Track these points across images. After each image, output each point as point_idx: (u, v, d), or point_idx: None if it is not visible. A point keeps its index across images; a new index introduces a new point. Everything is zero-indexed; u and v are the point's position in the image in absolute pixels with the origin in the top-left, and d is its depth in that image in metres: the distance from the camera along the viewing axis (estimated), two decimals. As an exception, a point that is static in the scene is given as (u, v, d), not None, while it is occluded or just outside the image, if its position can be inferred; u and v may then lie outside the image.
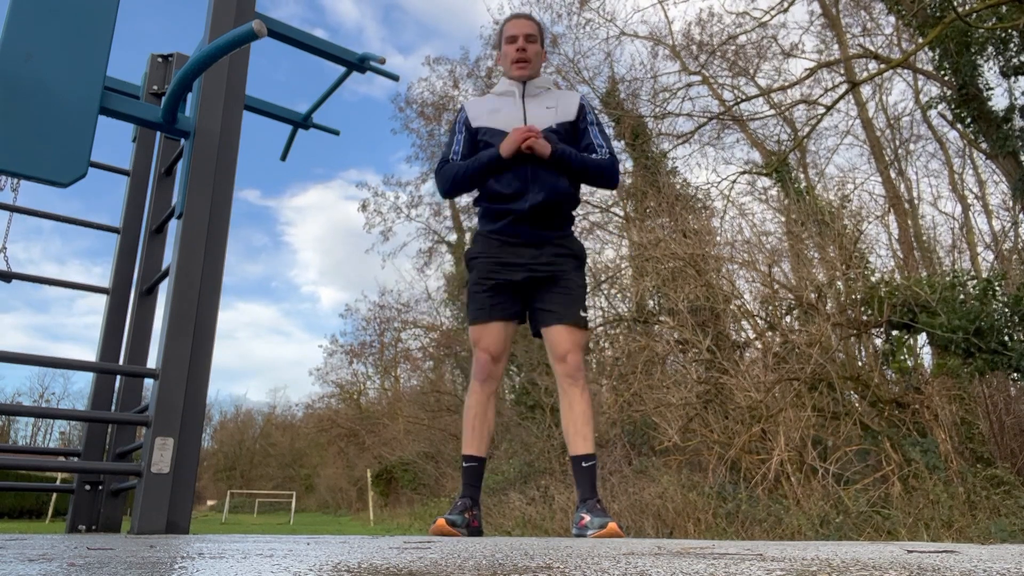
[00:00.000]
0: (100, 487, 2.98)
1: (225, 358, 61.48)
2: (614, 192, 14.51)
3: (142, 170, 3.48)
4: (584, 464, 2.31)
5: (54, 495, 17.08)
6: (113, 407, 3.09)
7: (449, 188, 2.48)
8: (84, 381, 55.18)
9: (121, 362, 3.16)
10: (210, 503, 34.22)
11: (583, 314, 2.42)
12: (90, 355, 3.50)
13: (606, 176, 2.47)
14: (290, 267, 63.38)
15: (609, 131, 13.57)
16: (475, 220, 2.61)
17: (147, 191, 3.44)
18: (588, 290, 2.94)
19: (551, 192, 2.39)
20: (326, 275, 57.34)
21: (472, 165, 2.42)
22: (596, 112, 2.59)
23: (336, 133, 3.92)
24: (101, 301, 3.29)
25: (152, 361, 2.63)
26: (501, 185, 2.41)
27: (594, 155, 2.46)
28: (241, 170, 2.68)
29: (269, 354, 64.81)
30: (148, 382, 2.90)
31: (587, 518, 2.19)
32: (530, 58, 2.49)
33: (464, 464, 2.43)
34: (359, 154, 51.11)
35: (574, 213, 2.58)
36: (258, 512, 29.11)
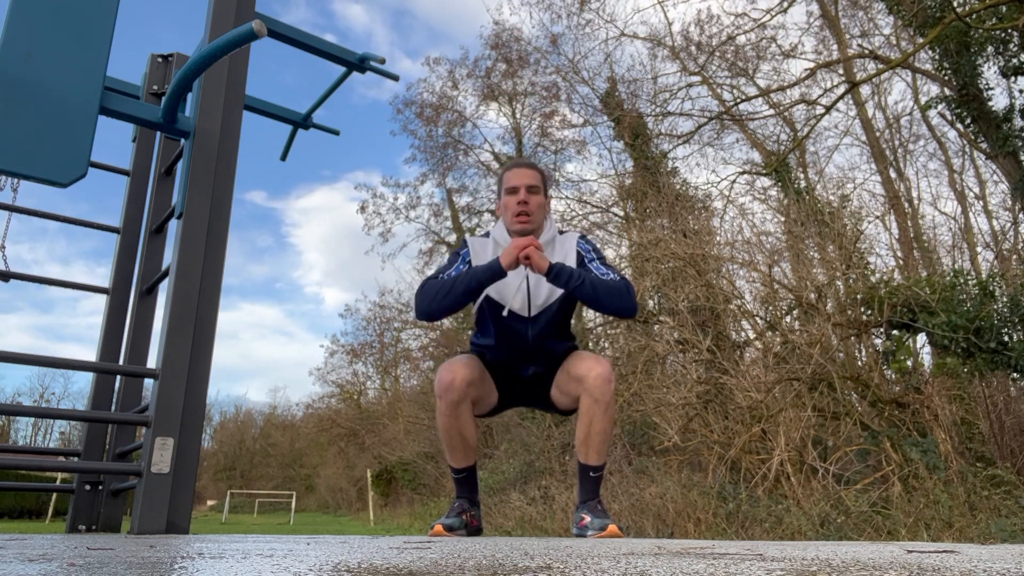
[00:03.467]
0: (100, 487, 2.99)
1: (229, 358, 61.56)
2: (614, 192, 14.54)
3: (142, 170, 3.48)
4: (592, 474, 2.28)
5: (54, 495, 17.08)
6: (113, 407, 3.09)
7: (432, 298, 2.20)
8: (84, 381, 55.26)
9: (121, 362, 3.16)
10: (210, 503, 34.22)
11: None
12: (92, 355, 3.49)
13: (618, 294, 2.18)
14: (295, 268, 63.41)
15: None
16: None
17: (147, 191, 3.44)
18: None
19: (552, 360, 2.35)
20: (330, 276, 57.37)
21: (466, 278, 2.18)
22: (596, 246, 2.42)
23: (336, 133, 3.92)
24: (104, 301, 3.29)
25: (152, 361, 2.63)
26: (500, 356, 2.35)
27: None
28: (247, 172, 2.70)
29: (273, 354, 64.92)
30: (148, 382, 2.90)
31: (587, 518, 2.19)
32: (532, 211, 2.31)
33: (454, 476, 2.37)
34: (366, 156, 51.18)
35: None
36: (258, 512, 29.11)
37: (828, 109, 11.48)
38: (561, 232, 2.42)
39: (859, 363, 8.19)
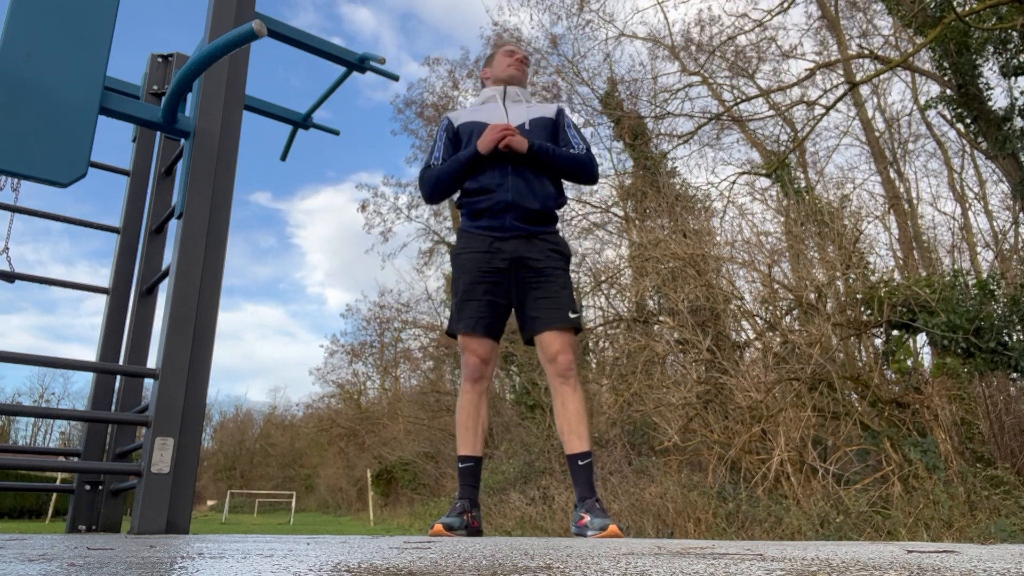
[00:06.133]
0: (100, 487, 2.99)
1: (231, 358, 61.68)
2: (614, 192, 14.54)
3: (142, 170, 3.48)
4: (581, 462, 2.30)
5: (54, 495, 17.08)
6: (113, 407, 3.09)
7: (432, 191, 2.52)
8: (84, 381, 55.32)
9: (121, 362, 3.16)
10: (210, 503, 34.24)
11: (573, 315, 2.41)
12: (92, 355, 3.50)
13: (584, 170, 2.53)
14: (298, 269, 63.57)
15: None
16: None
17: (147, 191, 3.44)
18: (588, 290, 2.98)
19: (530, 184, 2.47)
20: (333, 276, 57.53)
21: (452, 165, 2.47)
22: (572, 119, 2.73)
23: (336, 133, 3.92)
24: (104, 301, 3.29)
25: (152, 361, 2.62)
26: (480, 183, 2.47)
27: (571, 150, 2.55)
28: (252, 173, 2.74)
29: (274, 355, 65.09)
30: (148, 382, 2.90)
31: (587, 518, 2.19)
32: (523, 68, 2.69)
33: (460, 465, 2.42)
34: (370, 158, 51.47)
35: (558, 212, 2.61)
36: (258, 512, 29.12)
37: (828, 109, 11.47)
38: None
39: (859, 363, 8.19)
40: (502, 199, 2.42)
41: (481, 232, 2.45)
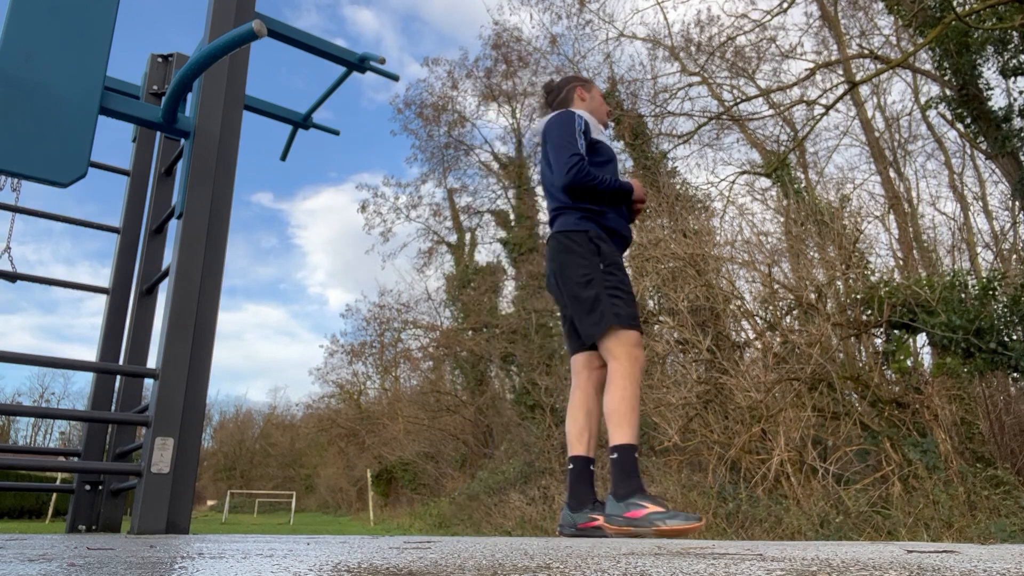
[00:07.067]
0: (100, 487, 2.99)
1: (232, 359, 61.76)
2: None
3: (142, 170, 3.48)
4: (592, 467, 2.46)
5: (54, 495, 17.08)
6: (113, 407, 3.09)
7: (587, 184, 2.51)
8: (84, 381, 55.40)
9: (121, 362, 3.16)
10: (210, 503, 34.25)
11: None
12: (92, 355, 3.50)
13: None
14: (299, 269, 63.65)
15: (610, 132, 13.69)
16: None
17: (147, 191, 3.44)
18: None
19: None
20: (334, 277, 57.58)
21: (614, 184, 2.60)
22: None
23: (336, 133, 3.92)
24: (104, 301, 3.29)
25: (152, 361, 2.63)
26: (621, 212, 2.67)
27: None
28: (254, 173, 2.73)
29: (276, 355, 65.20)
30: (148, 382, 2.90)
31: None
32: None
33: (634, 454, 2.38)
34: (372, 159, 51.57)
35: None
36: (258, 512, 29.13)
37: (828, 109, 11.46)
38: None
39: (859, 363, 8.19)
40: (629, 234, 2.68)
41: (616, 242, 2.61)
